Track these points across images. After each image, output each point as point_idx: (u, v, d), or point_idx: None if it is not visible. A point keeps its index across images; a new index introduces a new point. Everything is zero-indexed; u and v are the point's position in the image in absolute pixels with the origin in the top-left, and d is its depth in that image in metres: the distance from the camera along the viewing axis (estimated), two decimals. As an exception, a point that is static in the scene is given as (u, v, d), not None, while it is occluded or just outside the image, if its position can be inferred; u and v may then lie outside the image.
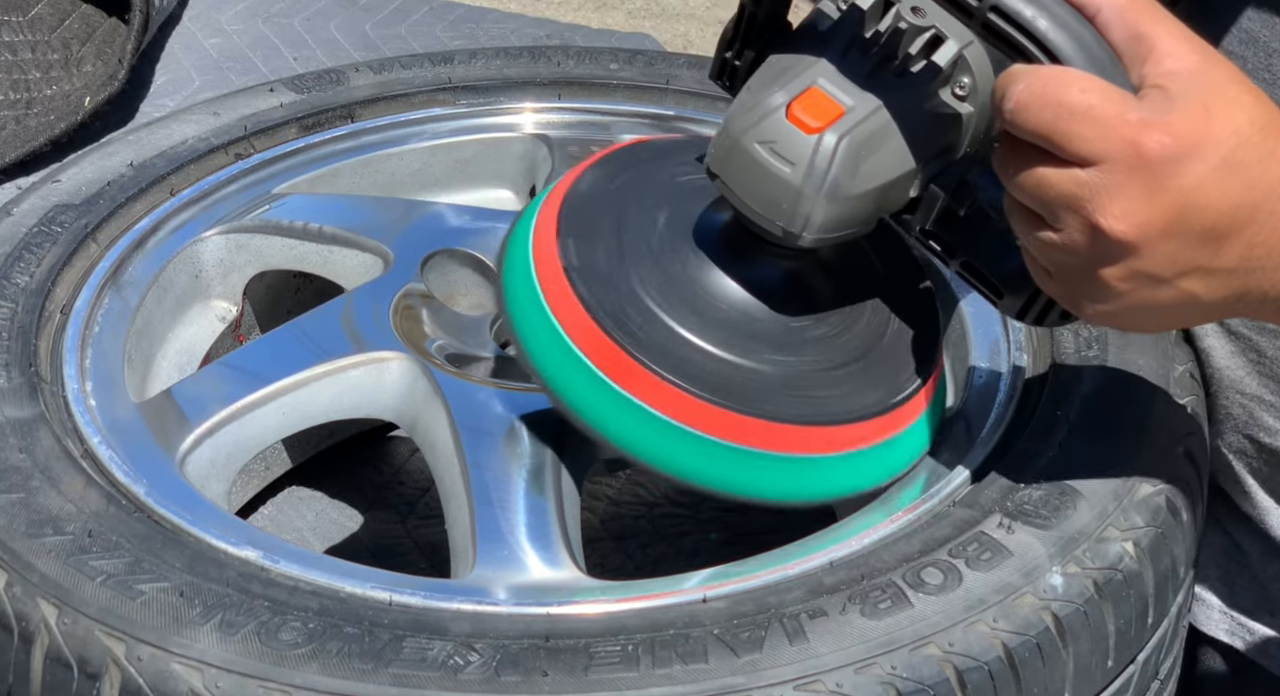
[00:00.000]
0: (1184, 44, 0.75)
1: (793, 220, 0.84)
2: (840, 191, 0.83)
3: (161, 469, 0.93)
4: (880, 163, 0.84)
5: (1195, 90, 0.73)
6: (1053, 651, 0.81)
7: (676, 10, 4.00)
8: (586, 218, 0.92)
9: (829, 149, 0.82)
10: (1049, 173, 0.74)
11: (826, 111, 0.83)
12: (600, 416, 0.89)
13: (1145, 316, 0.79)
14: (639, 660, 0.77)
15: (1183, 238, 0.74)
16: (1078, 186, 0.73)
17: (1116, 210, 0.73)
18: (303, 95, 1.25)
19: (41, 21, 1.69)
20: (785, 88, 0.84)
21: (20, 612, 0.80)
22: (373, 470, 1.30)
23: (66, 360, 0.99)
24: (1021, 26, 0.76)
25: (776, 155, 0.83)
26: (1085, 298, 0.78)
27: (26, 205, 1.10)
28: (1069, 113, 0.73)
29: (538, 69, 1.30)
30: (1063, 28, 0.76)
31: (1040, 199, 0.75)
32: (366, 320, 1.05)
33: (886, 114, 0.83)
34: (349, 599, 0.82)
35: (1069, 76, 0.74)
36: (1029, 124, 0.74)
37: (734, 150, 0.85)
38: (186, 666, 0.76)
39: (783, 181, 0.83)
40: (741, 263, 0.90)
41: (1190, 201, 0.73)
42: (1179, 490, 0.91)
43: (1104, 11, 0.76)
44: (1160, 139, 0.72)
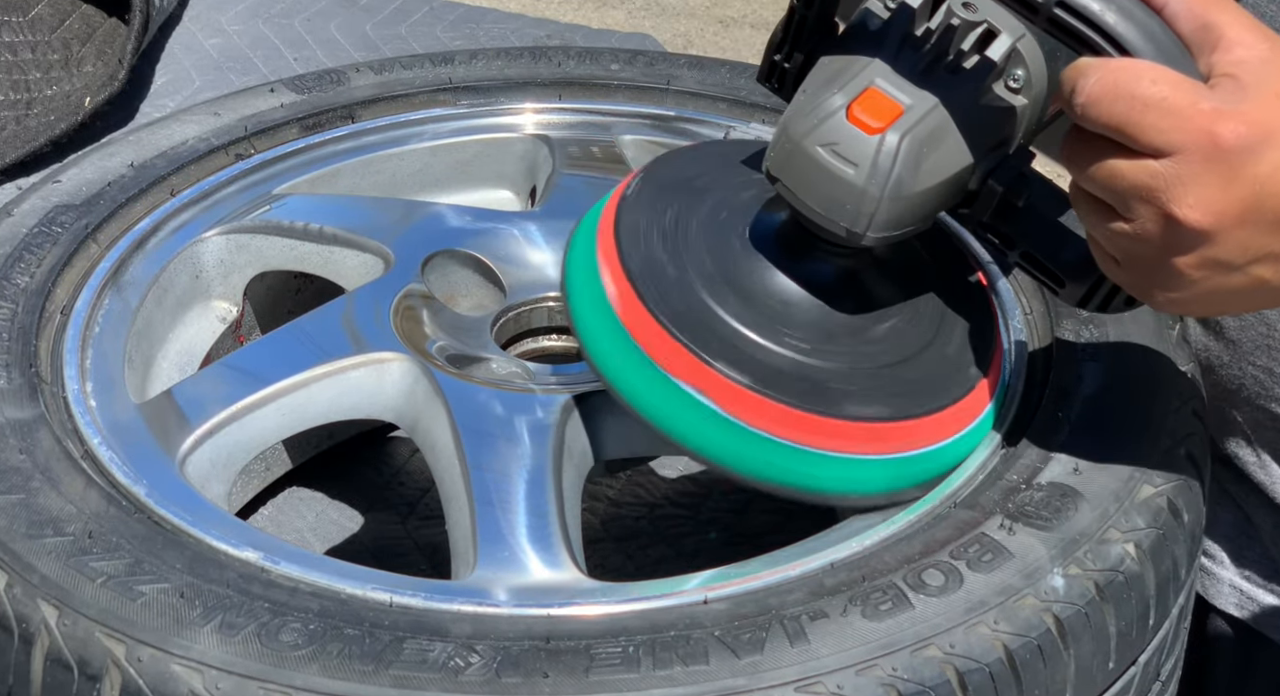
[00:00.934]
0: (1252, 32, 0.75)
1: (857, 220, 0.85)
2: (904, 189, 0.84)
3: (162, 470, 0.93)
4: (941, 159, 0.84)
5: (1267, 77, 0.74)
6: (1054, 653, 0.81)
7: (677, 9, 4.00)
8: (646, 221, 0.93)
9: (892, 148, 0.83)
10: (1121, 164, 0.75)
11: (886, 111, 0.84)
12: (672, 422, 0.89)
13: (1216, 302, 0.80)
14: (640, 661, 0.77)
15: (1257, 225, 0.74)
16: (1151, 177, 0.74)
17: (1192, 199, 0.73)
18: (303, 96, 1.25)
19: (42, 22, 1.69)
20: (843, 89, 0.85)
21: (20, 614, 0.80)
22: (373, 471, 1.30)
23: (67, 361, 0.99)
24: (1089, 20, 0.77)
25: (839, 157, 0.84)
26: (1157, 286, 0.79)
27: (27, 205, 1.09)
28: (1142, 105, 0.73)
29: (538, 69, 1.30)
30: (1130, 19, 0.76)
31: (1113, 190, 0.75)
32: (367, 321, 1.05)
33: (944, 111, 0.84)
34: (349, 600, 0.82)
35: (1140, 68, 0.74)
36: (1102, 117, 0.74)
37: (795, 153, 0.85)
38: (187, 667, 0.76)
39: (847, 183, 0.84)
40: (800, 262, 0.91)
41: (1265, 188, 0.73)
42: (1180, 491, 0.90)
43: (1171, 3, 0.77)
44: (1235, 127, 0.72)
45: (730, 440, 0.88)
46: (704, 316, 0.89)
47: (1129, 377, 0.98)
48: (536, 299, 1.12)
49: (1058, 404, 0.96)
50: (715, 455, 0.89)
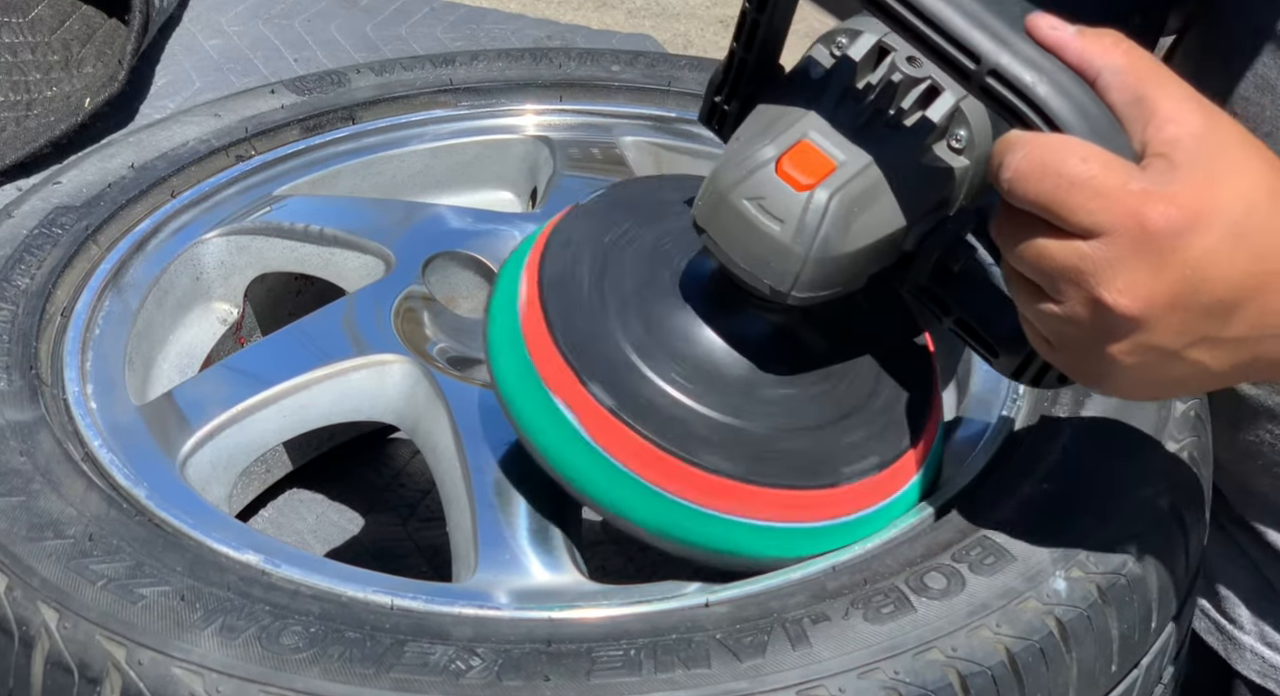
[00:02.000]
0: (1187, 107, 0.72)
1: (781, 279, 0.80)
2: (831, 250, 0.80)
3: (162, 472, 0.93)
4: (872, 219, 0.80)
5: (1199, 157, 0.70)
6: (1056, 656, 0.81)
7: (677, 10, 4.00)
8: (571, 274, 0.88)
9: (820, 206, 0.79)
10: (1049, 244, 0.71)
11: (817, 167, 0.80)
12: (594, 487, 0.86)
13: (1153, 387, 0.76)
14: (641, 664, 0.77)
15: (1190, 310, 0.71)
16: (1079, 259, 0.70)
17: (1120, 284, 0.70)
18: (304, 97, 1.25)
19: (42, 23, 1.69)
20: (775, 141, 0.81)
21: (21, 617, 0.80)
22: (374, 473, 1.29)
23: (67, 363, 0.99)
24: (1020, 91, 0.72)
25: (765, 212, 0.80)
26: (1089, 369, 0.75)
27: (27, 207, 1.09)
28: (1069, 183, 0.70)
29: (539, 71, 1.30)
30: (1063, 93, 0.72)
31: (1041, 270, 0.72)
32: (368, 323, 1.05)
33: (880, 169, 0.80)
34: (350, 603, 0.81)
35: (1069, 145, 0.71)
36: (1028, 194, 0.71)
37: (721, 205, 0.81)
38: (187, 670, 0.76)
39: (771, 239, 0.80)
40: (730, 317, 0.87)
41: (1197, 274, 0.70)
42: (1182, 494, 0.90)
43: (1104, 75, 0.73)
44: (1164, 210, 0.69)
45: (652, 507, 0.85)
46: (626, 374, 0.85)
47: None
48: (537, 301, 1.12)
49: (1058, 405, 0.95)
50: (639, 522, 0.86)
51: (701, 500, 0.84)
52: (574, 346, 0.85)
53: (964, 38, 0.73)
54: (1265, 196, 0.71)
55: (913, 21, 0.74)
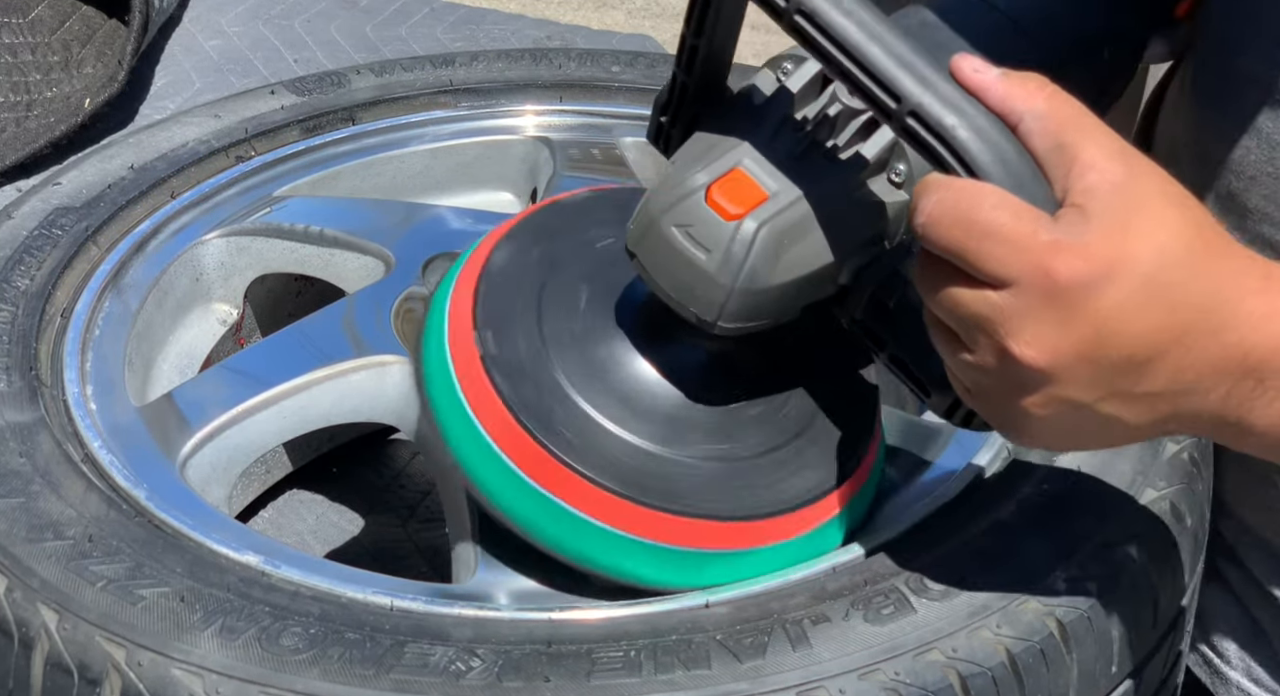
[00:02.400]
0: (1108, 156, 0.69)
1: (707, 309, 0.79)
2: (758, 282, 0.78)
3: (162, 473, 0.93)
4: (802, 253, 0.79)
5: (1114, 208, 0.68)
6: (1057, 657, 0.81)
7: (677, 10, 3.99)
8: (503, 296, 0.87)
9: (747, 237, 0.77)
10: (963, 292, 0.69)
11: (748, 196, 0.78)
12: (525, 517, 0.85)
13: (1070, 438, 0.75)
14: (641, 666, 0.77)
15: (1100, 364, 0.69)
16: (990, 309, 0.69)
17: (1028, 335, 0.68)
18: (304, 97, 1.25)
19: (42, 23, 1.69)
20: (708, 168, 0.79)
21: (20, 618, 0.80)
22: (373, 473, 1.30)
23: (67, 364, 0.99)
24: (940, 135, 0.70)
25: (693, 240, 0.78)
26: (1005, 418, 0.74)
27: (27, 208, 1.09)
28: (980, 232, 0.68)
29: (539, 71, 1.30)
30: (982, 139, 0.70)
31: (955, 317, 0.71)
32: (368, 323, 1.05)
33: (813, 201, 0.78)
34: (350, 604, 0.81)
35: (982, 192, 0.69)
36: (940, 240, 0.69)
37: (651, 231, 0.80)
38: (187, 672, 0.76)
39: (697, 268, 0.78)
40: (664, 344, 0.85)
41: (1107, 327, 0.68)
42: (1183, 494, 0.90)
43: (1026, 120, 0.71)
44: (1072, 262, 0.67)
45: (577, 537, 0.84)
46: (560, 406, 0.84)
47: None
48: (537, 301, 1.12)
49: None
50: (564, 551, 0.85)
51: (610, 522, 0.83)
52: (509, 377, 0.84)
53: (887, 76, 0.71)
54: (1182, 250, 0.68)
55: (837, 56, 0.72)
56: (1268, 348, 0.69)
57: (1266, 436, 0.72)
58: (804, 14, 0.72)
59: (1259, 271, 0.70)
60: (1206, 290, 0.69)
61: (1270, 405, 0.71)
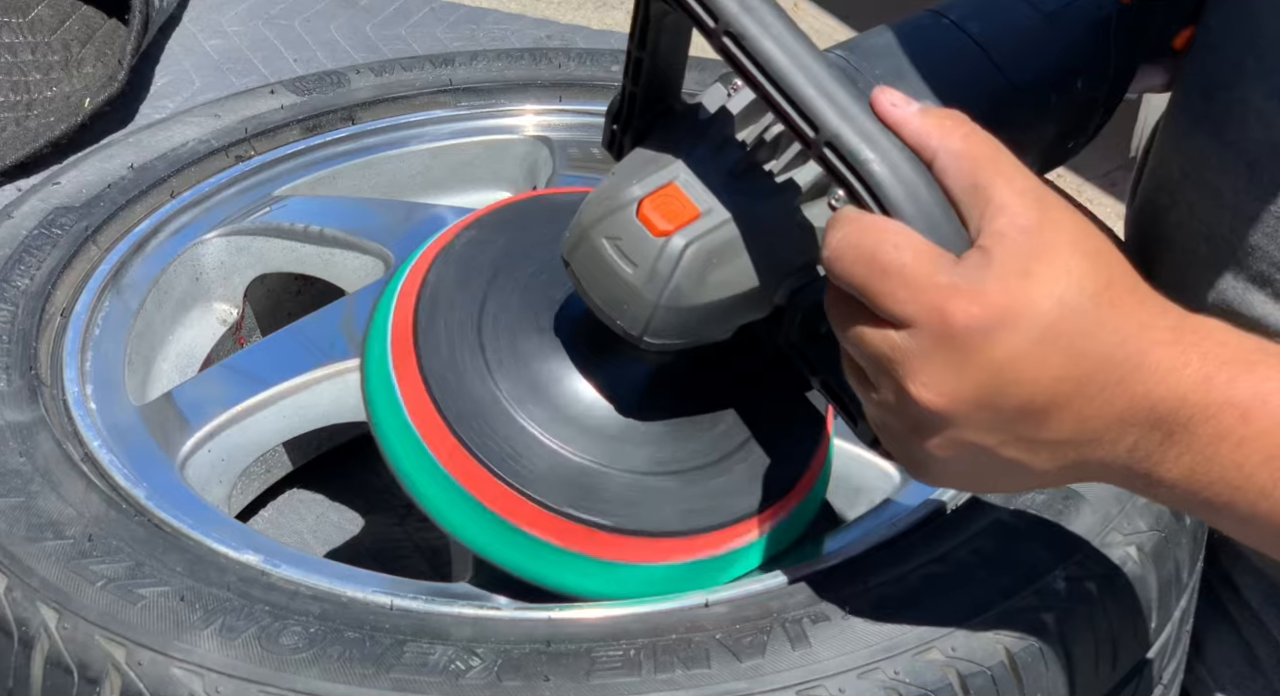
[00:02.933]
0: (1021, 199, 0.68)
1: (633, 323, 0.78)
2: (684, 300, 0.77)
3: (162, 472, 0.93)
4: (731, 274, 0.77)
5: (1019, 253, 0.67)
6: (1056, 656, 0.81)
7: (677, 11, 3.99)
8: (443, 306, 0.86)
9: (674, 254, 0.76)
10: (866, 330, 0.69)
11: (680, 213, 0.77)
12: (461, 527, 0.85)
13: (975, 480, 0.73)
14: (641, 665, 0.77)
15: (998, 410, 0.68)
16: (890, 348, 0.68)
17: (925, 377, 0.67)
18: (303, 97, 1.25)
19: (42, 23, 1.69)
20: (643, 182, 0.78)
21: (20, 617, 0.80)
22: (373, 473, 1.29)
23: (67, 363, 0.99)
24: (854, 167, 0.69)
25: (621, 253, 0.77)
26: (910, 458, 0.72)
27: (26, 207, 1.09)
28: (881, 270, 0.67)
29: (539, 71, 1.30)
30: (896, 174, 0.69)
31: (860, 353, 0.70)
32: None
33: (746, 222, 0.77)
34: (350, 603, 0.81)
35: (887, 230, 0.68)
36: (844, 275, 0.68)
37: (583, 241, 0.79)
38: (187, 671, 0.76)
39: (624, 282, 0.77)
40: (602, 356, 0.85)
41: (1004, 375, 0.67)
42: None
43: (940, 157, 0.69)
44: (967, 308, 0.66)
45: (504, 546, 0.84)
46: (491, 413, 0.83)
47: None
48: (537, 301, 1.12)
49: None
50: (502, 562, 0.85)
51: (537, 533, 0.83)
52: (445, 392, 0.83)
53: (807, 104, 0.70)
54: (1087, 301, 0.67)
55: (760, 80, 0.71)
56: (1175, 399, 0.67)
57: (1175, 489, 0.69)
58: (731, 36, 0.71)
59: (1169, 323, 0.68)
60: (1111, 341, 0.67)
61: (1178, 459, 0.68)
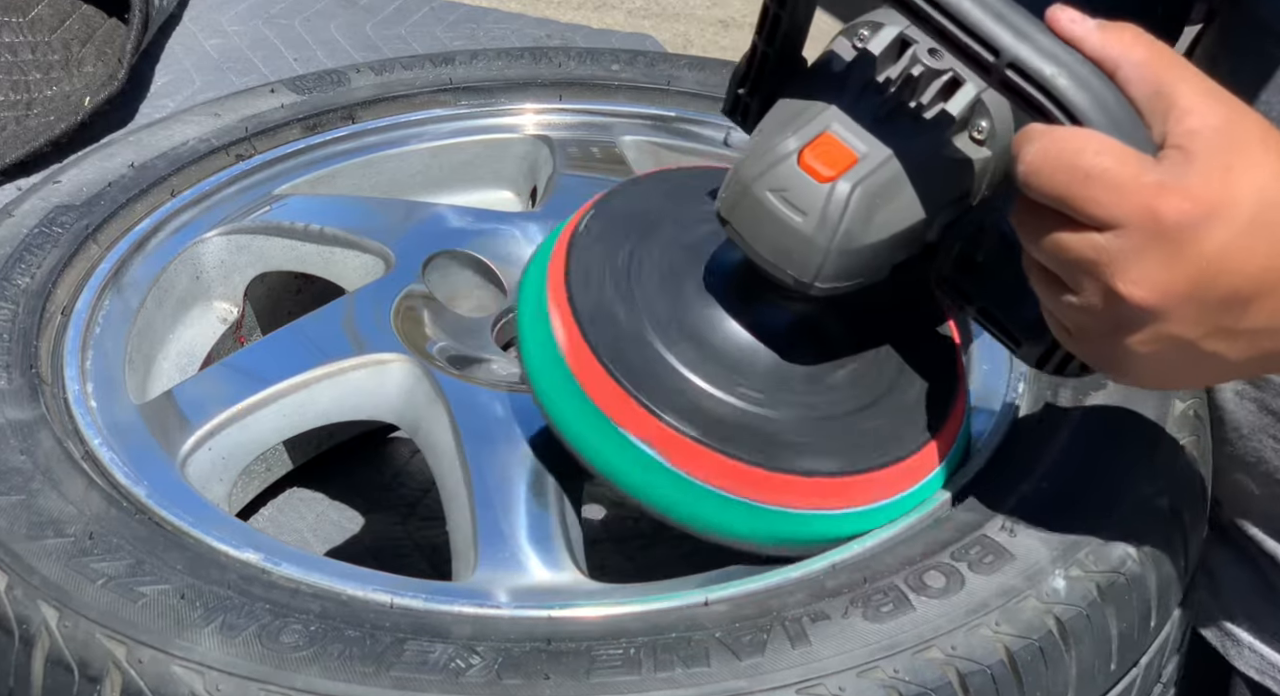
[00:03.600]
0: (1207, 100, 0.72)
1: (804, 270, 0.81)
2: (854, 241, 0.81)
3: (163, 470, 0.93)
4: (895, 211, 0.81)
5: (1217, 149, 0.70)
6: (1055, 655, 0.81)
7: (676, 10, 4.00)
8: (598, 260, 0.90)
9: (842, 198, 0.80)
10: (1066, 236, 0.72)
11: (839, 159, 0.80)
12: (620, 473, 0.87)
13: (1170, 376, 0.77)
14: (640, 663, 0.77)
15: (1205, 302, 0.71)
16: (1095, 251, 0.71)
17: (1135, 275, 0.71)
18: (304, 96, 1.25)
19: (42, 22, 1.69)
20: (797, 133, 0.81)
21: (21, 615, 0.80)
22: (373, 472, 1.30)
23: (67, 362, 0.99)
24: (1040, 84, 0.72)
25: (788, 204, 0.81)
26: (1107, 359, 0.76)
27: (27, 206, 1.09)
28: (1084, 176, 0.70)
29: (539, 70, 1.30)
30: (1082, 86, 0.72)
31: (1058, 261, 0.73)
32: (368, 322, 1.05)
33: (902, 161, 0.81)
34: (350, 601, 0.82)
35: (1085, 138, 0.71)
36: (1044, 187, 0.71)
37: (745, 197, 0.82)
38: (188, 669, 0.76)
39: (794, 231, 0.81)
40: (754, 307, 0.88)
41: (1212, 266, 0.70)
42: (1182, 493, 0.90)
43: (1124, 67, 0.73)
44: (1178, 204, 0.69)
45: (680, 494, 0.86)
46: (654, 365, 0.86)
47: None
48: (537, 300, 1.12)
49: (1060, 405, 0.95)
50: (666, 509, 0.87)
51: (726, 486, 0.85)
52: (633, 378, 0.86)
53: (983, 31, 0.73)
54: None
55: (933, 15, 0.74)
56: None
57: None
58: None
59: None
60: None
61: None
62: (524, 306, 0.91)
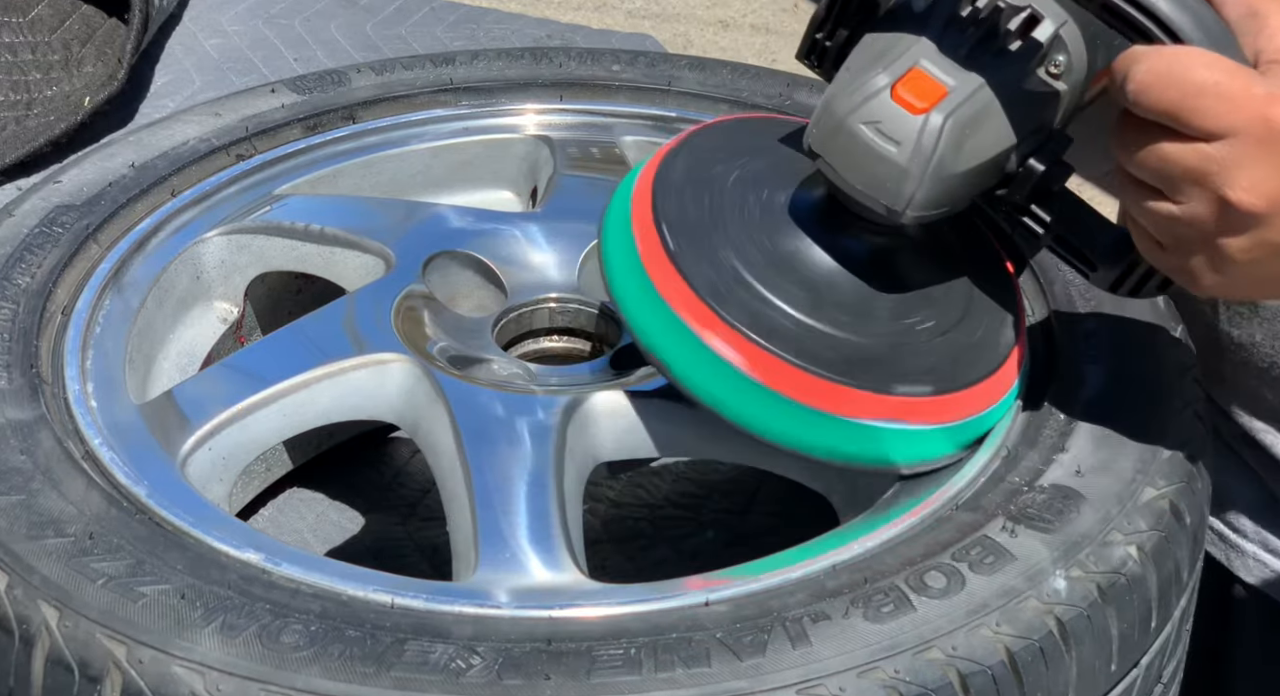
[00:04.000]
0: None
1: (897, 198, 0.86)
2: (945, 170, 0.86)
3: (163, 470, 0.93)
4: (982, 141, 0.86)
5: None
6: (1056, 655, 0.81)
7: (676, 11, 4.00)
8: (681, 197, 0.95)
9: (936, 129, 0.85)
10: (1173, 148, 0.77)
11: (930, 92, 0.85)
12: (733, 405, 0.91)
13: (1260, 285, 0.82)
14: (641, 663, 0.77)
15: None
16: (1204, 161, 0.76)
17: (1245, 182, 0.76)
18: (304, 96, 1.25)
19: (42, 22, 1.69)
20: (888, 69, 0.86)
21: (21, 615, 0.80)
22: (373, 472, 1.29)
23: (68, 361, 0.99)
24: (1143, 7, 0.79)
25: (882, 135, 0.86)
26: (1203, 268, 0.80)
27: (27, 206, 1.09)
28: (1196, 90, 0.75)
29: (539, 70, 1.30)
30: (1182, 7, 0.79)
31: (1163, 173, 0.78)
32: (368, 322, 1.05)
33: (987, 93, 0.85)
34: (351, 601, 0.82)
35: (1192, 55, 0.76)
36: (1154, 103, 0.76)
37: (838, 131, 0.87)
38: (188, 669, 0.76)
39: (889, 161, 0.86)
40: (837, 238, 0.93)
41: None
42: (1183, 494, 0.90)
43: None
44: None
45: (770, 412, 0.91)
46: (742, 288, 0.91)
47: (1131, 380, 0.98)
48: (538, 300, 1.12)
49: (1060, 406, 0.96)
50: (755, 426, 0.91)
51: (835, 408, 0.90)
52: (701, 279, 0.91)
53: None
54: None
55: None
56: None
57: None
58: None
59: None
60: None
61: None
62: (609, 228, 0.96)
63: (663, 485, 1.27)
